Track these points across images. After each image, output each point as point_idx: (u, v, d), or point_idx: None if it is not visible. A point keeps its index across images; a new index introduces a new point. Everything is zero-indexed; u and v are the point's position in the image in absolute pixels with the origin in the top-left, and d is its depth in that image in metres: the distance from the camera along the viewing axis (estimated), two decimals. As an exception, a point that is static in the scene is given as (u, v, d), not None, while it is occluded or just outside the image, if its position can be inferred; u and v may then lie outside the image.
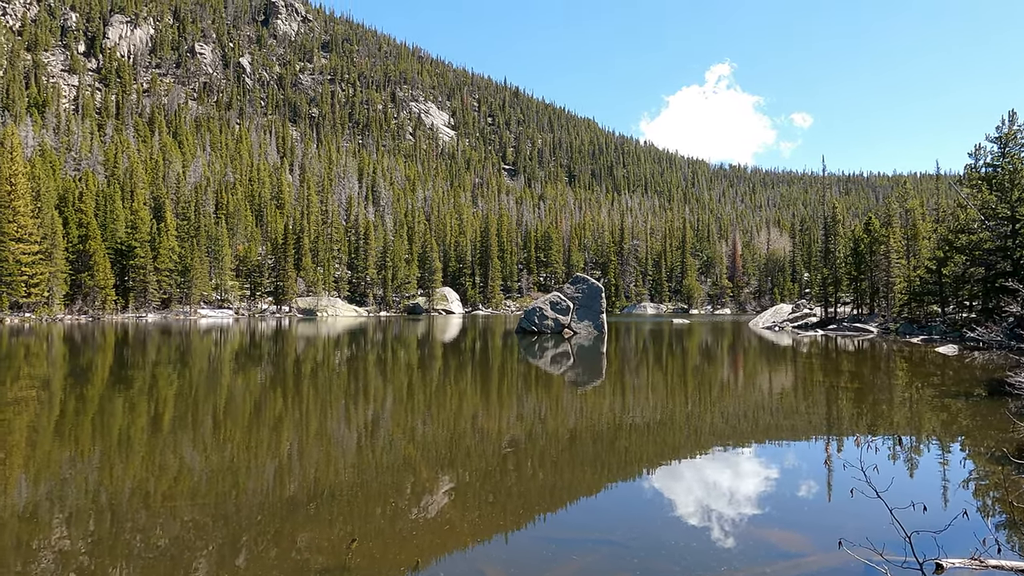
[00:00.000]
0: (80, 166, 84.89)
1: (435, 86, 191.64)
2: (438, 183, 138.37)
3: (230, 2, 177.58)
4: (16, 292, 48.90)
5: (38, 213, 52.72)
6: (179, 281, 64.96)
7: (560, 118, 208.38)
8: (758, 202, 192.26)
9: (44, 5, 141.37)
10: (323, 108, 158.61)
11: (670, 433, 10.16)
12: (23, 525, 5.74)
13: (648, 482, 7.50)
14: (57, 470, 7.60)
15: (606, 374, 18.38)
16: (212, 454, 8.46)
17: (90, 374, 17.68)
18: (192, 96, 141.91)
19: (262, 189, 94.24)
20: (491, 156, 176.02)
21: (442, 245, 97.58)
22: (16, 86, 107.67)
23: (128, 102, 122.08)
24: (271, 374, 17.84)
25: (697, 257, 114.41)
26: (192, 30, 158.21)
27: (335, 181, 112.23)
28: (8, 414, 11.28)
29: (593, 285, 35.49)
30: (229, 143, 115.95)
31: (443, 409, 12.35)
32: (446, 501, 6.57)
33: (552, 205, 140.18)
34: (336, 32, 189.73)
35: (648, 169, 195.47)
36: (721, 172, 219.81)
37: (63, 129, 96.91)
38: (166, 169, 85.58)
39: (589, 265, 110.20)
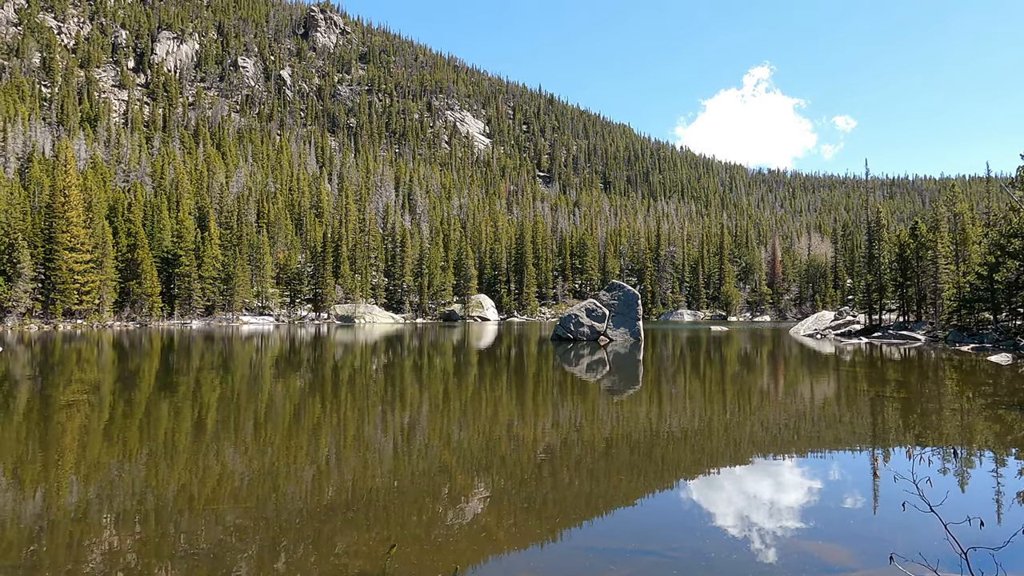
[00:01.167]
0: (129, 178, 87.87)
1: (470, 95, 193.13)
2: (473, 191, 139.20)
3: (271, 16, 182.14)
4: (69, 299, 50.71)
5: (90, 223, 54.68)
6: (222, 289, 66.57)
7: (595, 124, 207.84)
8: (798, 207, 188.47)
9: (96, 23, 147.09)
10: (361, 118, 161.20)
11: (708, 442, 9.98)
12: (75, 525, 5.92)
13: (686, 492, 7.38)
14: (106, 472, 7.83)
15: (643, 382, 18.17)
16: (253, 458, 8.61)
17: (138, 379, 18.21)
18: (235, 108, 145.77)
19: (302, 198, 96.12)
20: (526, 163, 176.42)
21: (477, 252, 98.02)
22: (70, 102, 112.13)
23: (174, 115, 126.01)
24: (310, 380, 18.12)
25: (735, 263, 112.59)
26: (235, 44, 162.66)
27: (372, 190, 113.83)
28: (61, 417, 11.69)
29: (629, 292, 35.19)
30: (270, 154, 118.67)
31: (478, 415, 12.37)
32: (481, 508, 6.56)
33: (587, 212, 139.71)
34: (373, 43, 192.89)
35: (684, 175, 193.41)
36: (759, 177, 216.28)
37: (113, 142, 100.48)
38: (210, 180, 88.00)
39: (625, 272, 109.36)
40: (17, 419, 11.49)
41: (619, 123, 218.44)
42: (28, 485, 7.22)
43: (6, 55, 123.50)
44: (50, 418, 11.69)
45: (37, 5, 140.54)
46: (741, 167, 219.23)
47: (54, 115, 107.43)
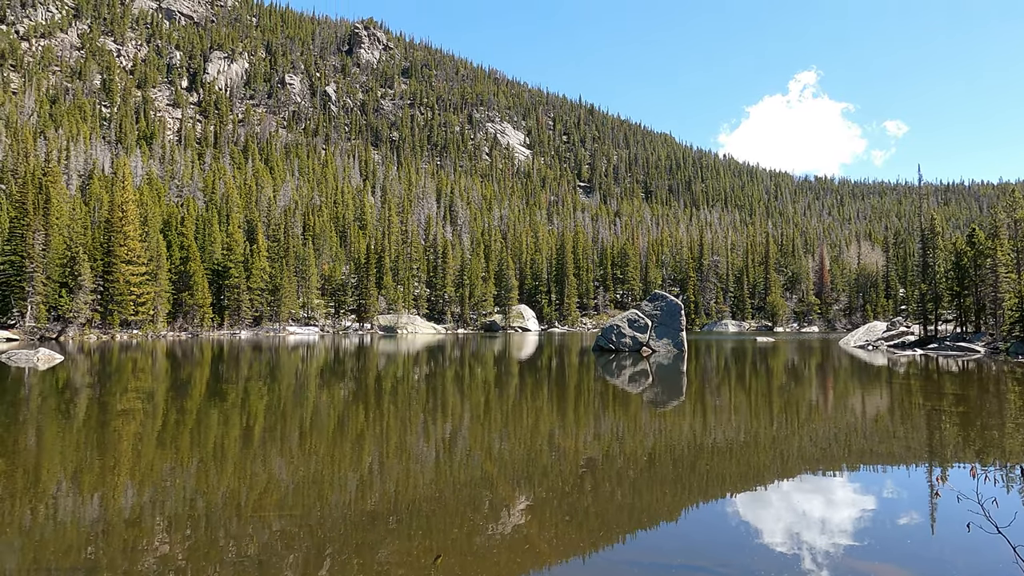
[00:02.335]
0: (182, 193, 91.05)
1: (511, 106, 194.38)
2: (514, 202, 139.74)
3: (317, 34, 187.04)
4: (125, 310, 52.64)
5: (145, 237, 56.77)
6: (269, 300, 68.18)
7: (636, 134, 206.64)
8: (847, 215, 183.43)
9: (152, 46, 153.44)
10: (403, 131, 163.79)
11: (755, 455, 9.74)
12: (129, 528, 6.11)
13: (733, 507, 7.20)
14: (159, 478, 8.07)
15: (686, 393, 17.87)
16: (298, 466, 8.76)
17: (189, 388, 18.77)
18: (282, 124, 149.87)
19: (346, 211, 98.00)
20: (566, 174, 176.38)
21: (518, 263, 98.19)
22: (128, 121, 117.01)
23: (225, 132, 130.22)
24: (354, 390, 18.37)
25: (781, 273, 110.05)
26: (282, 62, 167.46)
27: (414, 202, 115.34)
28: (118, 424, 12.13)
29: (672, 302, 34.72)
30: (316, 168, 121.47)
31: (519, 426, 12.34)
32: (523, 519, 6.53)
33: (628, 221, 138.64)
34: (415, 58, 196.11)
35: (728, 183, 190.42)
36: (806, 184, 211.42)
37: (168, 159, 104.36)
38: (258, 194, 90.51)
39: (667, 282, 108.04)
40: (77, 425, 11.96)
41: (660, 132, 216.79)
42: (87, 489, 7.49)
43: (70, 78, 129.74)
44: (107, 424, 12.13)
45: (98, 30, 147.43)
46: (786, 174, 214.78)
47: (113, 134, 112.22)
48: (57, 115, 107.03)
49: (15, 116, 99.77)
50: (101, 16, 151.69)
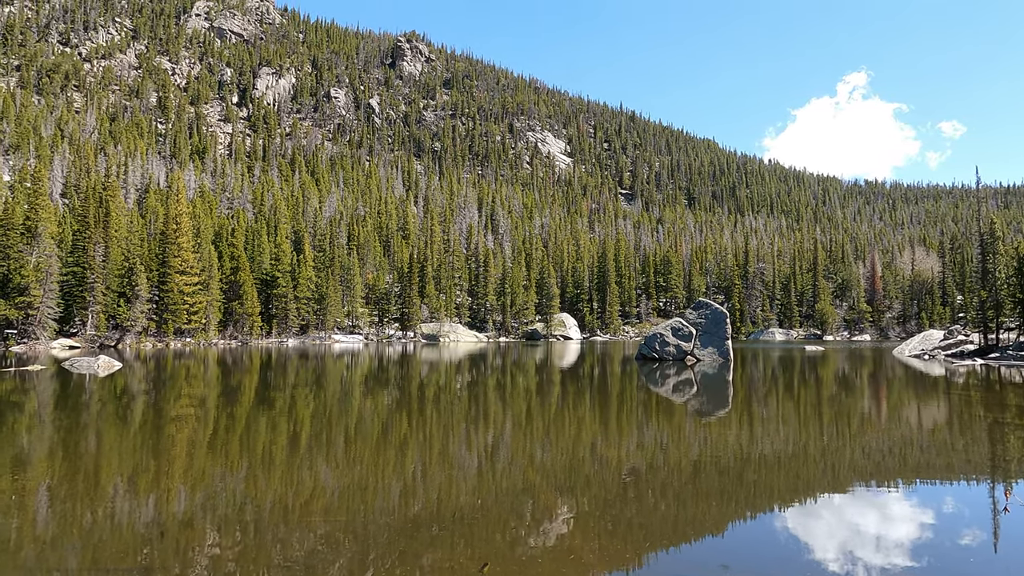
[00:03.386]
0: (232, 205, 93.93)
1: (551, 115, 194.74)
2: (555, 210, 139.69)
3: (361, 48, 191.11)
4: (179, 319, 54.46)
5: (198, 248, 58.71)
6: (315, 308, 69.60)
7: (678, 140, 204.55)
8: (899, 219, 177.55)
9: (205, 64, 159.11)
10: (445, 142, 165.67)
11: (804, 467, 9.47)
12: (182, 531, 6.30)
13: (781, 521, 7.01)
14: (210, 482, 8.30)
15: (732, 403, 17.51)
16: (343, 472, 8.90)
17: (239, 394, 19.27)
18: (328, 137, 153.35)
19: (389, 221, 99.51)
20: (607, 181, 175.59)
21: (559, 271, 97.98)
22: (182, 136, 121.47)
23: (273, 145, 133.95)
24: (397, 397, 18.58)
25: (830, 280, 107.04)
26: (328, 77, 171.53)
27: (456, 211, 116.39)
28: (171, 429, 12.54)
29: (717, 310, 34.12)
30: (360, 179, 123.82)
31: (561, 435, 12.28)
32: (566, 529, 6.49)
33: (671, 228, 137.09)
34: (457, 69, 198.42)
35: (773, 188, 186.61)
36: (855, 188, 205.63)
37: (218, 172, 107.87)
38: (305, 205, 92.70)
39: (711, 289, 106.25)
40: (133, 430, 12.41)
41: (703, 138, 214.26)
42: (142, 492, 7.76)
43: (128, 96, 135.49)
44: (161, 429, 12.55)
45: (154, 49, 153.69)
46: (835, 179, 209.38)
47: (168, 149, 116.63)
48: (116, 132, 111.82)
49: (78, 134, 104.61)
50: (157, 36, 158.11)
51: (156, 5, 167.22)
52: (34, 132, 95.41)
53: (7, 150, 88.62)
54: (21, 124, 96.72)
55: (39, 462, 9.52)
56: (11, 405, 16.38)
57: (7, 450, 10.34)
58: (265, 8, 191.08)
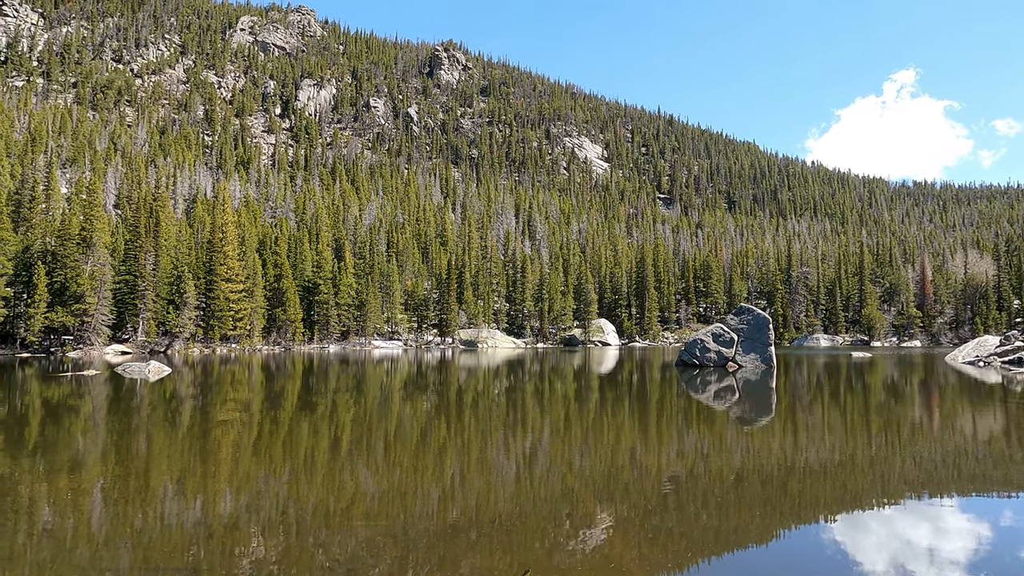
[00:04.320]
0: (275, 213, 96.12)
1: (588, 120, 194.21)
2: (592, 215, 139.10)
3: (399, 58, 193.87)
4: (225, 326, 55.89)
5: (243, 256, 60.22)
6: (356, 315, 70.62)
7: (717, 143, 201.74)
8: (950, 221, 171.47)
9: (249, 77, 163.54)
10: (482, 149, 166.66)
11: (851, 477, 9.19)
12: (227, 533, 6.45)
13: (828, 532, 6.82)
14: (254, 485, 8.49)
15: (776, 411, 17.12)
16: (383, 477, 8.99)
17: (282, 399, 19.67)
18: (367, 146, 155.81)
19: (427, 228, 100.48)
20: (645, 186, 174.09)
21: (597, 277, 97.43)
22: (227, 148, 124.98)
23: (314, 155, 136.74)
24: (436, 403, 18.71)
25: (878, 284, 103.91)
26: (367, 87, 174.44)
27: (493, 217, 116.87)
28: (217, 433, 12.86)
29: (759, 316, 33.46)
30: (399, 187, 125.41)
31: (600, 442, 12.18)
32: (606, 536, 6.43)
33: (711, 233, 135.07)
34: (494, 77, 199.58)
35: (817, 191, 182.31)
36: (903, 190, 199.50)
37: (262, 182, 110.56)
38: (345, 213, 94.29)
39: (753, 295, 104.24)
40: (182, 433, 12.77)
41: (743, 140, 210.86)
42: (190, 494, 7.97)
43: (177, 110, 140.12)
44: (208, 433, 12.89)
45: (201, 64, 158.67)
46: (881, 180, 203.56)
47: (214, 160, 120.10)
48: (166, 144, 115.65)
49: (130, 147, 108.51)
50: (204, 51, 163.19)
51: (203, 21, 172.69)
52: (89, 146, 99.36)
53: (64, 164, 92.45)
54: (77, 139, 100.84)
55: (93, 464, 9.87)
56: (68, 408, 17.04)
57: (64, 452, 10.76)
58: (307, 21, 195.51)
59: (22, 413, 16.17)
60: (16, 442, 11.66)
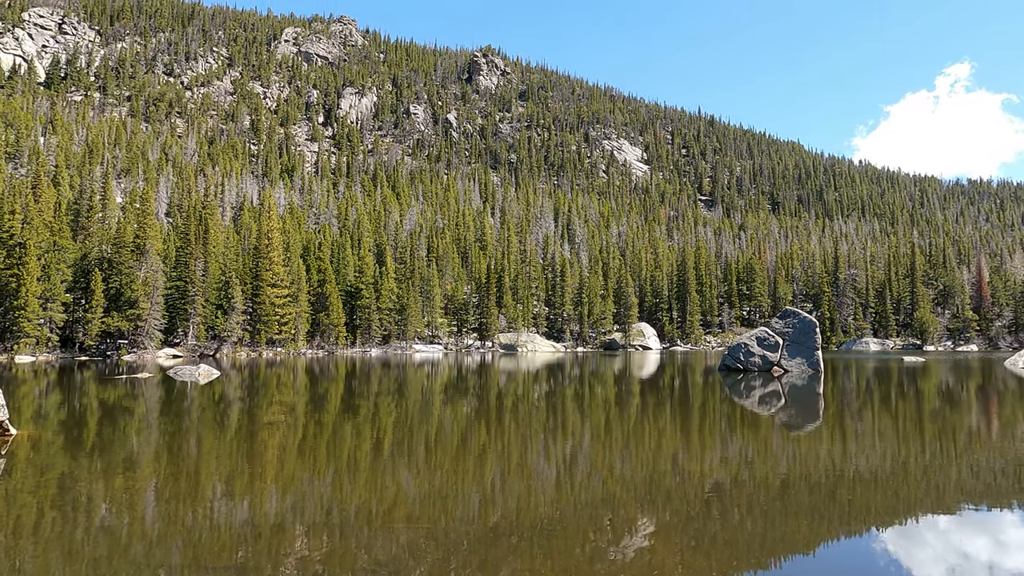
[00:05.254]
0: (319, 220, 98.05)
1: (627, 123, 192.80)
2: (632, 218, 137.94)
3: (439, 65, 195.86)
4: (270, 330, 57.22)
5: (287, 262, 61.59)
6: (397, 319, 71.47)
7: (760, 143, 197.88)
8: (1008, 220, 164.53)
9: (293, 87, 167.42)
10: (520, 153, 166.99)
11: (904, 486, 8.89)
12: (273, 533, 6.59)
13: (880, 543, 6.60)
14: (299, 486, 8.66)
15: (823, 417, 16.67)
16: (424, 480, 9.07)
17: (326, 402, 20.03)
18: (407, 152, 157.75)
19: (467, 232, 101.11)
20: (686, 188, 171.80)
21: (637, 280, 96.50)
22: (272, 156, 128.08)
23: (356, 162, 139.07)
24: (476, 406, 18.79)
25: (931, 286, 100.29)
26: (407, 94, 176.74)
27: (532, 221, 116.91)
28: (263, 435, 13.16)
29: (805, 319, 32.66)
30: (438, 192, 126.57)
31: (641, 447, 12.05)
32: (647, 543, 6.35)
33: (754, 235, 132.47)
34: (532, 81, 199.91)
35: (865, 190, 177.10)
36: (957, 188, 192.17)
37: (306, 189, 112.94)
38: (386, 219, 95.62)
39: (798, 297, 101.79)
40: (230, 435, 13.12)
41: (787, 140, 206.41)
42: (238, 495, 8.18)
43: (224, 120, 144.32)
44: (255, 435, 13.20)
45: (248, 75, 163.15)
46: (933, 179, 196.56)
47: (260, 168, 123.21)
48: (214, 154, 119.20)
49: (180, 157, 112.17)
50: (250, 63, 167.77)
51: (249, 34, 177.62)
52: (142, 157, 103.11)
53: (119, 174, 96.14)
54: (131, 150, 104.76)
55: (147, 464, 10.22)
56: (123, 410, 17.67)
57: (119, 452, 11.16)
58: (348, 31, 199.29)
59: (81, 414, 16.84)
60: (76, 442, 12.15)
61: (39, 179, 56.49)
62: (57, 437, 12.48)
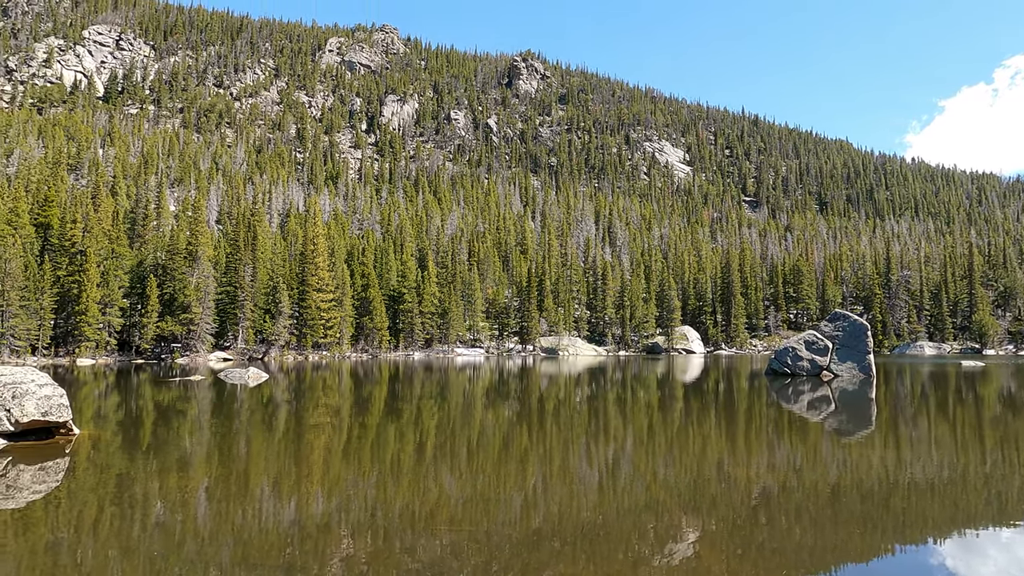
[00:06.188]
0: (362, 225, 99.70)
1: (668, 124, 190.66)
2: (674, 220, 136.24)
3: (479, 71, 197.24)
4: (316, 333, 58.40)
5: (332, 267, 62.81)
6: (439, 323, 72.10)
7: (807, 142, 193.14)
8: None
9: (337, 95, 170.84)
10: (561, 157, 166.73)
11: (963, 496, 8.53)
12: (319, 533, 6.72)
13: (937, 555, 6.35)
14: (344, 488, 8.80)
15: (876, 423, 16.13)
16: (467, 483, 9.11)
17: (370, 405, 20.32)
18: (448, 158, 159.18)
19: (507, 236, 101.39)
20: (730, 189, 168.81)
21: (680, 283, 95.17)
22: (317, 164, 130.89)
23: (398, 168, 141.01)
24: (518, 410, 18.80)
25: (990, 288, 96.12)
26: (448, 100, 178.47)
27: (573, 225, 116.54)
28: (310, 437, 13.44)
29: (856, 322, 31.70)
30: (479, 196, 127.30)
31: (685, 452, 11.87)
32: (692, 550, 6.25)
33: (801, 236, 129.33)
34: (572, 84, 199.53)
35: (918, 189, 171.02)
36: (1018, 185, 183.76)
37: (350, 195, 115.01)
38: (428, 223, 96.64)
39: (848, 300, 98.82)
40: (278, 437, 13.42)
41: (835, 138, 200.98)
42: (285, 495, 8.36)
43: (271, 129, 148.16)
44: (302, 437, 13.48)
45: (293, 85, 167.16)
46: (992, 176, 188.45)
47: (305, 176, 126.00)
48: (261, 162, 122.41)
49: (230, 166, 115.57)
50: (296, 73, 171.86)
51: (294, 45, 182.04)
52: (194, 166, 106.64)
53: (173, 184, 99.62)
54: (184, 160, 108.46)
55: (199, 464, 10.53)
56: (177, 412, 18.27)
57: (173, 452, 11.54)
58: (390, 39, 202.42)
59: (138, 415, 17.47)
60: (133, 442, 12.61)
61: (98, 189, 58.93)
62: (116, 437, 12.97)
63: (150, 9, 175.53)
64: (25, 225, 48.06)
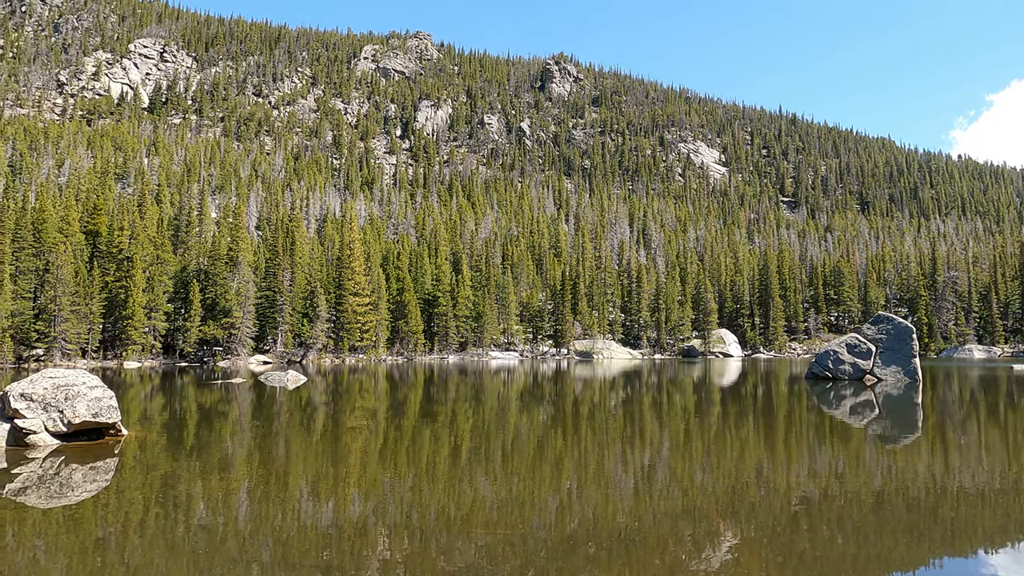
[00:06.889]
0: (397, 230, 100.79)
1: (704, 124, 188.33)
2: (710, 222, 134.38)
3: (512, 75, 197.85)
4: (352, 337, 59.18)
5: (368, 271, 63.61)
6: (473, 326, 72.39)
7: (847, 141, 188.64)
8: None
9: (372, 102, 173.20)
10: (594, 159, 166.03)
11: (1015, 504, 8.22)
12: (356, 535, 6.81)
13: (988, 567, 6.13)
14: (380, 490, 8.90)
15: (922, 429, 15.65)
16: (502, 486, 9.13)
17: (405, 407, 20.51)
18: (482, 162, 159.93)
19: (541, 240, 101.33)
20: (767, 189, 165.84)
21: (716, 285, 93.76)
22: (353, 170, 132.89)
23: (432, 173, 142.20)
24: (552, 414, 18.76)
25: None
26: (481, 104, 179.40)
27: (607, 227, 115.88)
28: (347, 439, 13.63)
29: (900, 325, 30.81)
30: (512, 200, 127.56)
31: (723, 457, 11.69)
32: (730, 557, 6.15)
33: (841, 236, 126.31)
34: (605, 86, 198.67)
35: (965, 187, 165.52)
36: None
37: (385, 200, 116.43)
38: (462, 227, 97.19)
39: (892, 302, 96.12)
40: (316, 439, 13.65)
41: (876, 136, 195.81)
42: (323, 497, 8.50)
43: (308, 137, 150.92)
44: (339, 439, 13.68)
45: (330, 93, 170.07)
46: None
47: (341, 182, 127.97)
48: (299, 169, 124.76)
49: (269, 173, 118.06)
50: (332, 81, 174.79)
51: (330, 53, 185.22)
52: (234, 174, 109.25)
53: (214, 191, 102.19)
54: (224, 168, 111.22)
55: (240, 464, 10.77)
56: (219, 414, 18.71)
57: (215, 453, 11.83)
58: (424, 46, 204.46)
59: (182, 417, 17.95)
60: (177, 443, 12.96)
61: (144, 197, 60.77)
62: (161, 438, 13.35)
63: (192, 22, 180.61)
64: (75, 233, 49.84)
